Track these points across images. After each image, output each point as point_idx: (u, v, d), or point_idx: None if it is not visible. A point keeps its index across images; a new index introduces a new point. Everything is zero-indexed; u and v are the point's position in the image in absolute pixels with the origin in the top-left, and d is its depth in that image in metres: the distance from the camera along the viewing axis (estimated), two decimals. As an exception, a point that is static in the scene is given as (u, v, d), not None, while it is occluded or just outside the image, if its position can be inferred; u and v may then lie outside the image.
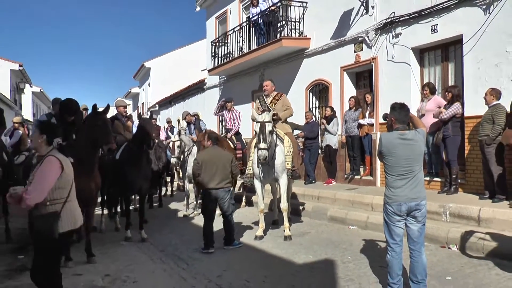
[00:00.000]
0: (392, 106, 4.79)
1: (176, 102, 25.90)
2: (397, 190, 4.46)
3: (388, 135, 4.65)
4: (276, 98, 8.18)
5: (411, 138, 4.51)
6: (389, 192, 4.53)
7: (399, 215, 4.47)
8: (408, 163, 4.45)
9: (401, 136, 4.51)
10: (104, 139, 6.21)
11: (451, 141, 8.11)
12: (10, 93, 27.59)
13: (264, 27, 14.12)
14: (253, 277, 5.50)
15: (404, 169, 4.45)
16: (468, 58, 8.47)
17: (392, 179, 4.52)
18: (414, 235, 4.51)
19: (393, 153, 4.48)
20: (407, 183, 4.44)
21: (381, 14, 10.41)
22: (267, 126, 7.12)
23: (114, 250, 7.10)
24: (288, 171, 7.72)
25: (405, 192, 4.44)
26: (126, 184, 7.81)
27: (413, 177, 4.46)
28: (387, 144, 4.54)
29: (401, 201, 4.43)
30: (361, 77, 11.85)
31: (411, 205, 4.43)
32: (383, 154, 4.58)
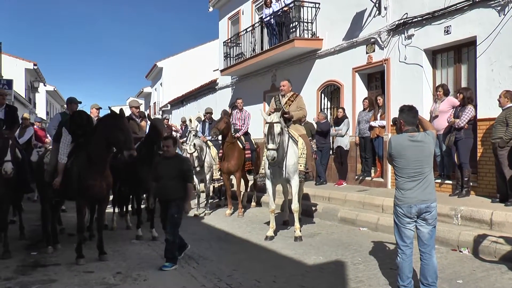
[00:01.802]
0: (400, 109, 4.78)
1: (188, 102, 26.01)
2: (407, 192, 4.44)
3: (397, 137, 4.63)
4: (291, 99, 8.14)
5: (420, 140, 4.48)
6: (399, 194, 4.51)
7: (409, 217, 4.44)
8: (418, 165, 4.42)
9: (411, 138, 4.48)
10: (126, 144, 6.22)
11: (463, 144, 8.04)
12: (25, 91, 27.95)
13: (277, 27, 14.13)
14: (263, 277, 5.51)
15: (414, 171, 4.43)
16: (481, 60, 8.40)
17: (402, 181, 4.50)
18: (425, 238, 4.48)
19: (402, 155, 4.45)
20: (417, 185, 4.42)
21: (394, 15, 10.37)
22: (276, 126, 7.13)
23: (125, 248, 7.16)
24: (301, 173, 7.70)
25: (415, 194, 4.41)
26: (137, 182, 7.88)
27: (423, 179, 4.43)
28: (396, 146, 4.52)
29: (411, 203, 4.40)
30: (373, 78, 11.82)
31: (421, 207, 4.40)
32: (392, 157, 4.55)
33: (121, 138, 6.18)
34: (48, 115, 35.28)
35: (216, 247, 7.28)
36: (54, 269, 6.02)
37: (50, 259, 6.51)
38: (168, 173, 6.11)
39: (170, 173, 6.10)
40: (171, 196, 6.09)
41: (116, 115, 6.41)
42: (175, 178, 6.08)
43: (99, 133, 6.39)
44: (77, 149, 6.64)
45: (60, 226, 8.41)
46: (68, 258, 6.40)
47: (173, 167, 6.13)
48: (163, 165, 6.26)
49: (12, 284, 5.39)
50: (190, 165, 6.47)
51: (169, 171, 6.11)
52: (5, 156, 6.29)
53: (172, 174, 6.09)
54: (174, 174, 6.09)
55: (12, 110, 8.25)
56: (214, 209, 11.30)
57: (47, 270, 5.96)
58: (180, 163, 6.24)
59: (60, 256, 6.64)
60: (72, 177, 6.37)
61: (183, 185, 6.11)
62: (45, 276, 5.72)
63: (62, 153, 6.66)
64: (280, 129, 7.16)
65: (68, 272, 5.84)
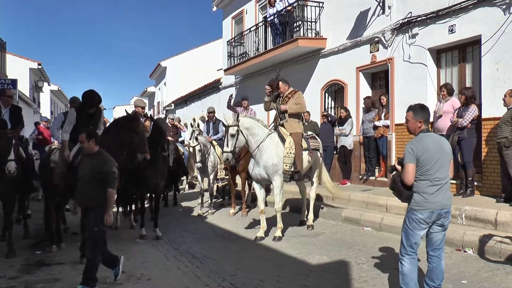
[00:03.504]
0: (413, 108, 4.43)
1: (191, 102, 26.04)
2: (431, 196, 4.12)
3: (421, 139, 4.23)
4: (288, 96, 8.07)
5: (439, 140, 4.30)
6: (421, 199, 4.16)
7: (427, 222, 4.17)
8: (442, 167, 4.17)
9: (432, 138, 4.27)
10: (140, 147, 6.25)
11: (467, 143, 8.01)
12: (29, 91, 28.00)
13: (280, 27, 14.12)
14: (267, 277, 5.51)
15: (439, 174, 4.15)
16: (486, 59, 8.36)
17: (424, 185, 4.15)
18: (437, 242, 4.28)
19: (428, 157, 4.12)
20: (440, 188, 4.15)
21: (398, 14, 10.35)
22: (230, 130, 7.39)
23: (129, 248, 7.17)
24: (286, 173, 7.59)
25: (438, 198, 4.14)
26: (141, 182, 7.89)
27: (446, 183, 4.20)
28: (421, 149, 4.14)
29: (434, 208, 4.12)
30: (377, 77, 11.79)
31: (441, 213, 4.17)
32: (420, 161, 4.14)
33: (135, 140, 6.21)
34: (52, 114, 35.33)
35: (219, 246, 7.29)
36: (58, 268, 6.04)
37: (54, 258, 6.53)
38: (84, 175, 5.20)
39: (85, 175, 5.18)
40: (86, 202, 5.17)
41: (132, 118, 6.43)
42: (91, 181, 5.09)
43: (112, 134, 6.39)
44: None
45: (64, 225, 8.44)
46: (72, 257, 6.42)
47: (90, 168, 5.17)
48: (82, 164, 5.42)
49: (16, 283, 5.41)
50: (112, 166, 5.23)
51: (85, 172, 5.19)
52: (9, 155, 6.31)
53: (87, 176, 5.14)
54: (89, 176, 5.12)
55: (17, 110, 8.29)
56: (217, 208, 11.31)
57: (51, 269, 5.98)
58: (98, 164, 5.16)
59: (64, 255, 6.66)
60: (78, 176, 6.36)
61: (103, 190, 5.07)
62: (49, 275, 5.74)
63: (65, 130, 6.68)
64: (236, 132, 7.37)
65: (73, 271, 5.86)
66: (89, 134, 5.24)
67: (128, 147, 6.34)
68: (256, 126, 7.59)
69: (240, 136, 7.43)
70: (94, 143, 5.22)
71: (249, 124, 7.52)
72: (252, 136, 7.51)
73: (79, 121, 6.73)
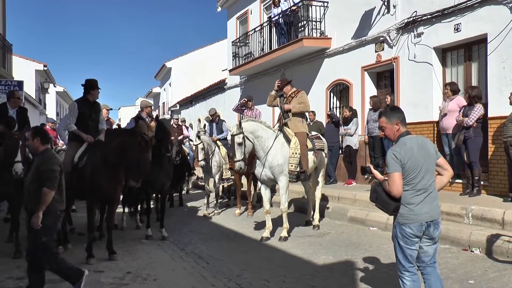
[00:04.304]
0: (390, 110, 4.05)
1: (197, 102, 26.07)
2: (417, 207, 3.70)
3: (403, 143, 3.80)
4: (291, 95, 8.07)
5: (423, 143, 3.83)
6: (406, 211, 3.73)
7: (418, 236, 3.74)
8: (428, 174, 3.74)
9: (415, 141, 3.81)
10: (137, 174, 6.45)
11: (472, 142, 7.96)
12: (35, 92, 28.15)
13: (285, 27, 14.11)
14: (273, 277, 5.51)
15: (424, 181, 3.72)
16: (492, 57, 8.32)
17: (409, 195, 3.72)
18: (429, 256, 3.84)
19: (413, 162, 3.69)
20: (426, 197, 3.72)
21: (403, 13, 10.31)
22: (236, 139, 7.42)
23: (135, 248, 7.19)
24: (292, 174, 7.61)
25: (426, 209, 3.71)
26: (148, 182, 7.92)
27: (433, 191, 3.76)
28: (407, 152, 3.72)
29: (422, 220, 3.70)
30: (382, 77, 11.76)
31: (431, 224, 3.74)
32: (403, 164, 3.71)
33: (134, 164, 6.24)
34: (58, 115, 35.51)
35: (225, 246, 7.29)
36: (65, 268, 6.05)
37: (60, 259, 6.55)
38: (29, 175, 4.90)
39: (30, 175, 4.87)
40: (30, 205, 4.77)
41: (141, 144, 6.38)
42: (34, 181, 4.73)
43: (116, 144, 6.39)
44: (92, 149, 6.68)
45: (71, 226, 8.46)
46: (78, 258, 6.43)
47: (34, 167, 4.85)
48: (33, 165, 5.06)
49: (23, 284, 5.42)
50: (53, 164, 4.80)
51: (31, 172, 4.89)
52: (16, 157, 6.35)
53: (32, 176, 4.82)
54: (33, 176, 4.79)
55: (23, 111, 8.35)
56: (223, 208, 11.32)
57: (58, 270, 5.99)
58: (41, 162, 4.80)
59: (71, 256, 6.65)
60: (84, 177, 6.41)
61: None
62: (56, 275, 5.75)
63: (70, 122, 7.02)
64: (242, 139, 7.39)
65: (79, 272, 5.87)
66: (35, 133, 5.00)
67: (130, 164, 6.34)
68: (259, 129, 7.61)
69: (247, 142, 7.44)
70: (39, 142, 4.90)
71: (252, 128, 7.54)
72: (257, 139, 7.53)
73: (80, 111, 6.98)
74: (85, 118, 7.04)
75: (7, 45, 18.30)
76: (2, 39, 17.59)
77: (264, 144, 7.54)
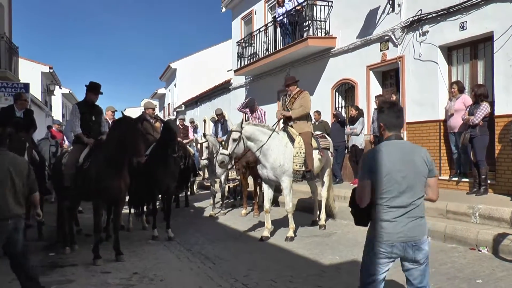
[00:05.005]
0: (379, 108, 3.60)
1: (202, 103, 26.11)
2: (389, 225, 3.19)
3: (382, 146, 3.35)
4: (294, 96, 8.04)
5: (410, 151, 3.29)
6: (378, 227, 3.25)
7: (389, 257, 3.26)
8: (407, 187, 3.17)
9: (397, 147, 3.26)
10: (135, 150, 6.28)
11: (479, 141, 7.91)
12: (41, 94, 28.28)
13: (290, 26, 14.11)
14: (279, 277, 5.50)
15: (404, 197, 3.17)
16: (498, 55, 8.27)
17: (382, 210, 3.23)
18: (417, 280, 3.31)
19: (385, 171, 3.18)
20: (403, 215, 3.18)
21: (408, 12, 10.28)
22: (233, 134, 7.48)
23: (141, 249, 7.21)
24: (297, 173, 7.59)
25: (400, 228, 3.18)
26: (154, 183, 7.93)
27: (414, 208, 3.20)
28: (377, 158, 3.23)
29: (393, 241, 3.18)
30: (388, 76, 11.72)
31: (408, 246, 3.19)
32: (373, 173, 3.23)
33: (130, 143, 6.22)
34: (64, 117, 35.63)
35: (232, 247, 7.29)
36: (72, 269, 6.09)
37: (67, 260, 6.59)
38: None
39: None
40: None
41: (130, 121, 6.46)
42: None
43: (114, 138, 6.45)
44: (95, 150, 6.72)
45: (77, 227, 8.50)
46: (85, 259, 6.47)
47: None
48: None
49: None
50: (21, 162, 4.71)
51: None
52: (23, 159, 6.36)
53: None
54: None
55: (29, 113, 8.40)
56: (229, 209, 11.33)
57: (65, 271, 6.03)
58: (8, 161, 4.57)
59: (77, 257, 6.71)
60: (89, 178, 6.43)
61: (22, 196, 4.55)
62: (63, 276, 5.79)
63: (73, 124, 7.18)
64: (238, 137, 7.44)
65: (86, 273, 5.90)
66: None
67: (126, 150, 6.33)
68: (259, 132, 7.58)
69: (241, 143, 7.48)
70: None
71: (250, 132, 7.54)
72: (254, 142, 7.53)
73: (81, 111, 7.08)
74: (85, 120, 7.09)
75: (14, 47, 18.39)
76: (9, 42, 17.69)
77: (263, 147, 7.52)
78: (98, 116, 7.37)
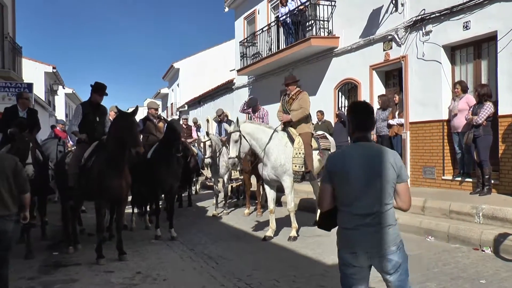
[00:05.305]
0: (348, 107, 3.33)
1: (205, 102, 26.13)
2: (349, 232, 2.98)
3: (342, 150, 3.24)
4: (293, 97, 7.99)
5: (376, 154, 3.00)
6: (341, 235, 3.06)
7: (354, 265, 3.00)
8: (370, 196, 2.93)
9: (361, 151, 3.02)
10: (132, 141, 6.24)
11: (482, 141, 7.89)
12: (45, 94, 28.37)
13: (293, 26, 14.11)
14: (283, 277, 5.50)
15: (363, 203, 2.93)
16: (502, 55, 8.25)
17: (344, 215, 3.01)
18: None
19: (345, 175, 2.96)
20: (364, 224, 2.93)
21: (411, 12, 10.26)
22: (232, 136, 7.49)
23: (144, 248, 7.22)
24: (297, 174, 7.57)
25: (360, 237, 2.94)
26: (157, 183, 7.94)
27: (379, 216, 2.93)
28: (340, 161, 3.02)
29: (354, 249, 2.96)
30: (391, 76, 11.71)
31: (373, 255, 2.96)
32: (333, 176, 3.02)
33: (126, 134, 6.22)
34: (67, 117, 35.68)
35: (235, 246, 7.29)
36: (75, 269, 6.10)
37: (71, 259, 6.61)
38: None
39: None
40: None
41: (122, 114, 6.50)
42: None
43: (111, 134, 6.48)
44: (98, 149, 6.73)
45: (80, 226, 8.52)
46: (88, 258, 6.48)
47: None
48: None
49: (35, 284, 5.49)
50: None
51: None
52: (27, 159, 6.38)
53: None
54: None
55: (33, 113, 8.41)
56: (232, 208, 11.33)
57: (69, 270, 6.05)
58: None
59: (81, 256, 6.73)
60: (92, 178, 6.44)
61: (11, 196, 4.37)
62: (67, 276, 5.80)
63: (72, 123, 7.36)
64: (238, 137, 7.45)
65: (89, 272, 5.92)
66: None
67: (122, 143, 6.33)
68: (258, 131, 7.60)
69: (243, 141, 7.48)
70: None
71: (250, 129, 7.55)
72: (256, 141, 7.53)
73: (85, 112, 7.12)
74: (89, 120, 7.10)
75: (17, 47, 18.44)
76: (12, 42, 17.73)
77: (264, 145, 7.53)
78: (102, 117, 7.37)
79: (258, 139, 7.55)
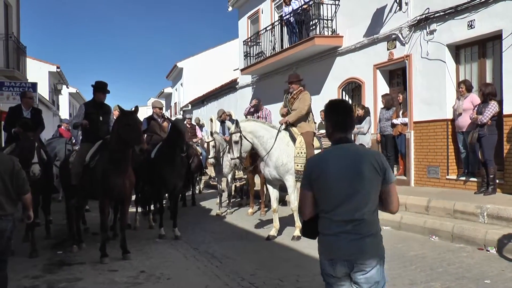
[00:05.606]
0: (325, 107, 3.12)
1: (208, 102, 26.13)
2: (329, 238, 2.81)
3: (321, 153, 3.08)
4: (294, 96, 7.97)
5: (356, 154, 2.81)
6: (321, 242, 2.90)
7: (334, 276, 2.83)
8: (351, 201, 2.73)
9: (340, 152, 2.83)
10: (135, 139, 6.23)
11: (487, 140, 7.86)
12: (49, 94, 28.45)
13: (297, 25, 14.07)
14: (286, 276, 5.49)
15: (342, 209, 2.74)
16: (507, 54, 8.21)
17: (324, 221, 2.83)
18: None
19: (324, 181, 2.78)
20: (345, 229, 2.74)
21: (415, 10, 10.22)
22: (233, 137, 7.52)
23: (148, 247, 7.23)
24: (299, 173, 7.51)
25: (341, 244, 2.75)
26: (160, 182, 7.95)
27: (359, 223, 2.73)
28: (319, 166, 2.83)
29: (335, 257, 2.79)
30: (395, 75, 11.67)
31: (350, 264, 2.76)
32: (312, 182, 2.83)
33: (129, 132, 6.22)
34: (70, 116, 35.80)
35: (238, 246, 7.30)
36: (79, 267, 6.12)
37: (75, 258, 6.62)
38: None
39: None
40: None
41: (125, 112, 6.50)
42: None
43: (114, 132, 6.49)
44: (101, 149, 6.75)
45: (84, 225, 8.54)
46: (92, 257, 6.50)
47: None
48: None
49: (40, 282, 5.51)
50: None
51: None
52: (33, 158, 6.41)
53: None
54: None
55: (37, 113, 8.44)
56: (236, 208, 11.33)
57: (73, 269, 6.07)
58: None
59: (85, 255, 6.74)
60: (96, 176, 6.46)
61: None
62: (71, 274, 5.82)
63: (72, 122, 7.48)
64: (239, 138, 7.47)
65: (93, 271, 5.94)
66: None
67: (126, 141, 6.32)
68: (260, 129, 7.60)
69: (244, 141, 7.48)
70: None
71: (252, 128, 7.55)
72: (258, 139, 7.53)
73: (88, 111, 7.12)
74: (93, 119, 7.11)
75: (21, 47, 18.50)
76: (17, 42, 17.79)
77: (266, 144, 7.53)
78: (106, 116, 7.36)
79: (261, 137, 7.54)
